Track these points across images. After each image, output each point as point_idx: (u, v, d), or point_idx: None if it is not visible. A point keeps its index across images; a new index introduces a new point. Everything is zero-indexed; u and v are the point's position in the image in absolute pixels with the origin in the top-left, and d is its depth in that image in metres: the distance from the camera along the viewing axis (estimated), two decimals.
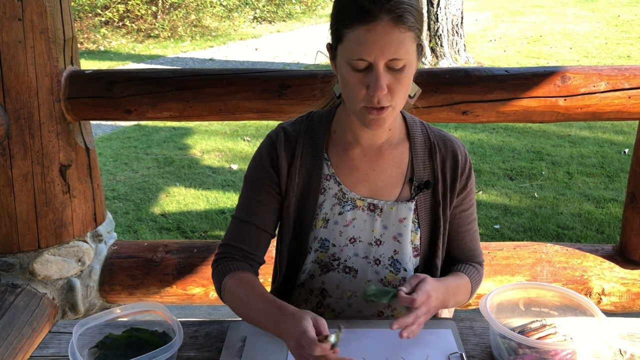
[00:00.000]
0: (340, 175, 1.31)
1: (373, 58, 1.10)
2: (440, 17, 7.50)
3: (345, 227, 1.30)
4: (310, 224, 1.30)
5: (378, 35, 1.08)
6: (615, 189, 4.11)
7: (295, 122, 1.35)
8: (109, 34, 10.31)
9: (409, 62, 1.13)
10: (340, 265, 1.31)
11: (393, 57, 1.10)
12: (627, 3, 12.66)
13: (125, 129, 5.64)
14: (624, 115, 2.10)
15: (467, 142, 5.09)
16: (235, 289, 1.25)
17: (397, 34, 1.09)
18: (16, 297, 2.11)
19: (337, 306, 1.33)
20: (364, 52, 1.10)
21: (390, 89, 1.13)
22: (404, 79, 1.14)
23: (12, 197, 2.10)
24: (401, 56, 1.10)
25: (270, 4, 12.79)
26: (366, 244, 1.30)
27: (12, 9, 1.95)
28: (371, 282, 1.30)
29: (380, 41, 1.09)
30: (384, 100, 1.13)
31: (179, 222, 3.74)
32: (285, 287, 1.37)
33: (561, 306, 1.24)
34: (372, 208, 1.30)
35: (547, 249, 2.34)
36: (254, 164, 1.34)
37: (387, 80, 1.12)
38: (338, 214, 1.29)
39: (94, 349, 1.19)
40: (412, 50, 1.13)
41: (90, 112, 2.18)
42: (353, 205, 1.30)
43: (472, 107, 2.08)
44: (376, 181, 1.31)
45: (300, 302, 1.37)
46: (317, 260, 1.31)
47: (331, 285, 1.32)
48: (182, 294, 2.35)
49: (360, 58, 1.11)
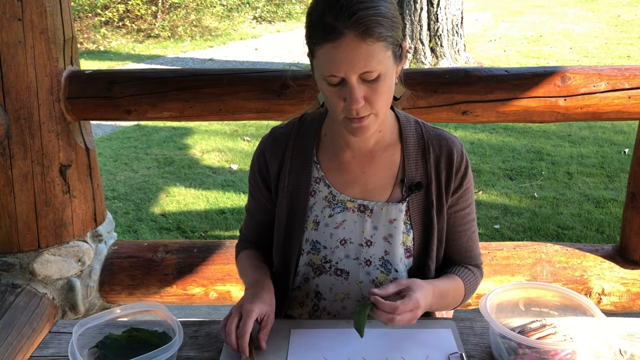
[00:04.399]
0: (330, 177, 1.31)
1: (343, 73, 1.10)
2: (440, 17, 7.50)
3: (336, 229, 1.30)
4: (301, 226, 1.31)
5: (345, 51, 1.08)
6: (615, 189, 4.11)
7: (288, 124, 1.37)
8: (109, 34, 10.31)
9: (383, 70, 1.12)
10: (332, 268, 1.31)
11: (363, 70, 1.10)
12: (627, 3, 12.66)
13: (125, 129, 5.64)
14: (624, 115, 2.10)
15: (467, 142, 5.09)
16: (242, 256, 1.43)
17: (364, 47, 1.08)
18: (16, 297, 2.12)
19: (332, 309, 1.33)
20: (333, 69, 1.10)
21: (367, 100, 1.13)
22: (381, 88, 1.13)
23: (12, 197, 2.10)
24: (372, 68, 1.10)
25: (270, 4, 12.79)
26: (357, 245, 1.30)
27: (12, 9, 1.95)
28: (362, 284, 1.30)
29: (348, 57, 1.08)
30: (363, 111, 1.14)
31: (179, 222, 3.74)
32: (282, 289, 1.37)
33: (561, 306, 1.24)
34: (362, 209, 1.30)
35: (547, 249, 2.34)
36: (250, 171, 1.43)
37: (363, 92, 1.12)
38: (328, 216, 1.30)
39: (94, 349, 1.19)
40: (386, 58, 1.11)
41: (90, 112, 2.18)
42: (343, 207, 1.30)
43: (472, 107, 2.08)
44: (367, 183, 1.31)
45: (296, 305, 1.37)
46: (310, 262, 1.32)
47: (324, 288, 1.32)
48: (182, 294, 2.35)
49: (332, 74, 1.11)
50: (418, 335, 1.22)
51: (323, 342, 1.20)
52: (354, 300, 1.31)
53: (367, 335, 1.22)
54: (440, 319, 1.41)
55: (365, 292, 1.30)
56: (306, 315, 1.36)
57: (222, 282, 2.33)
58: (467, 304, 2.31)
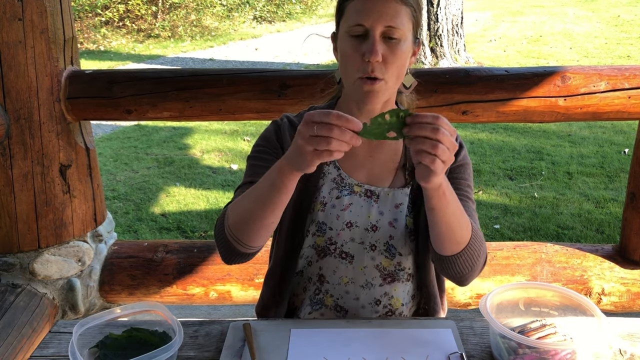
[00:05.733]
0: (339, 160, 1.33)
1: (370, 24, 1.16)
2: (440, 17, 7.50)
3: (342, 211, 1.31)
4: (308, 207, 1.32)
5: (375, 3, 1.17)
6: (615, 189, 4.11)
7: (299, 114, 1.40)
8: (109, 34, 10.31)
9: (404, 36, 1.18)
10: (336, 250, 1.32)
11: (389, 24, 1.16)
12: (627, 3, 12.67)
13: (125, 129, 5.64)
14: (624, 115, 2.10)
15: (467, 142, 5.09)
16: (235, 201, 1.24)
17: (393, 4, 1.17)
18: (16, 297, 2.12)
19: (335, 292, 1.34)
20: (361, 18, 1.17)
21: (384, 59, 1.18)
22: (399, 52, 1.18)
23: (12, 197, 2.10)
24: (397, 25, 1.16)
25: (270, 4, 12.79)
26: (362, 229, 1.31)
27: (12, 9, 1.95)
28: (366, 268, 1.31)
29: (377, 8, 1.16)
30: (378, 70, 1.18)
31: (179, 222, 3.74)
32: (284, 273, 1.37)
33: (561, 306, 1.24)
34: (369, 194, 1.32)
35: (547, 249, 2.34)
36: (259, 142, 1.37)
37: (382, 50, 1.17)
38: (336, 198, 1.32)
39: (94, 349, 1.19)
40: (408, 26, 1.19)
41: (90, 112, 2.18)
42: (351, 190, 1.32)
43: (472, 107, 2.08)
44: (373, 168, 1.33)
45: (299, 291, 1.38)
46: (314, 245, 1.33)
47: (328, 270, 1.33)
48: (182, 294, 2.35)
49: (358, 23, 1.17)
50: (418, 335, 1.22)
51: (323, 342, 1.20)
52: (358, 286, 1.32)
53: (367, 335, 1.22)
54: (441, 319, 1.41)
55: (369, 278, 1.32)
56: (308, 300, 1.36)
57: (222, 282, 2.33)
58: (467, 303, 2.31)
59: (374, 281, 1.32)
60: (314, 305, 1.36)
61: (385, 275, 1.32)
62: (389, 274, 1.32)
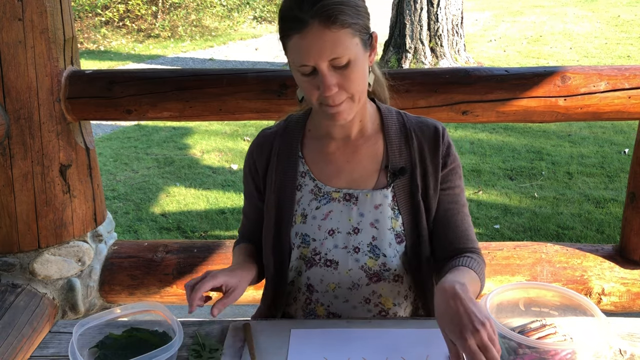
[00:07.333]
0: (314, 171, 1.35)
1: (313, 62, 1.15)
2: (440, 17, 7.50)
3: (323, 220, 1.32)
4: (289, 221, 1.34)
5: (311, 40, 1.13)
6: (615, 189, 4.11)
7: (275, 125, 1.43)
8: (109, 34, 10.31)
9: (352, 56, 1.16)
10: (321, 260, 1.32)
11: (331, 57, 1.14)
12: (627, 3, 12.66)
13: (125, 129, 5.64)
14: (624, 115, 2.10)
15: (467, 142, 5.09)
16: (236, 249, 1.47)
17: (329, 34, 1.12)
18: (16, 297, 2.12)
19: (324, 300, 1.34)
20: (304, 58, 1.15)
21: (340, 86, 1.18)
22: (352, 74, 1.17)
23: (12, 197, 2.10)
24: (339, 54, 1.14)
25: (270, 4, 12.78)
26: (344, 233, 1.31)
27: (12, 9, 1.95)
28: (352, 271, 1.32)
29: (315, 45, 1.13)
30: (337, 97, 1.18)
31: (179, 222, 3.74)
32: (276, 287, 1.39)
33: (561, 306, 1.24)
34: (348, 198, 1.32)
35: (547, 249, 2.34)
36: (243, 173, 1.47)
37: (335, 79, 1.16)
38: (315, 208, 1.33)
39: (94, 349, 1.19)
40: (353, 45, 1.15)
41: (91, 112, 2.18)
42: (329, 198, 1.33)
43: (472, 107, 2.08)
44: (352, 172, 1.34)
45: (291, 301, 1.39)
46: (301, 256, 1.34)
47: (315, 280, 1.34)
48: (182, 294, 2.35)
49: (302, 64, 1.16)
50: (418, 335, 1.22)
51: (323, 342, 1.20)
52: (345, 289, 1.32)
53: (367, 335, 1.22)
54: None
55: (355, 279, 1.31)
56: (300, 310, 1.37)
57: None
58: None
59: (360, 282, 1.32)
60: (307, 316, 1.37)
61: (371, 275, 1.31)
62: (374, 273, 1.31)
